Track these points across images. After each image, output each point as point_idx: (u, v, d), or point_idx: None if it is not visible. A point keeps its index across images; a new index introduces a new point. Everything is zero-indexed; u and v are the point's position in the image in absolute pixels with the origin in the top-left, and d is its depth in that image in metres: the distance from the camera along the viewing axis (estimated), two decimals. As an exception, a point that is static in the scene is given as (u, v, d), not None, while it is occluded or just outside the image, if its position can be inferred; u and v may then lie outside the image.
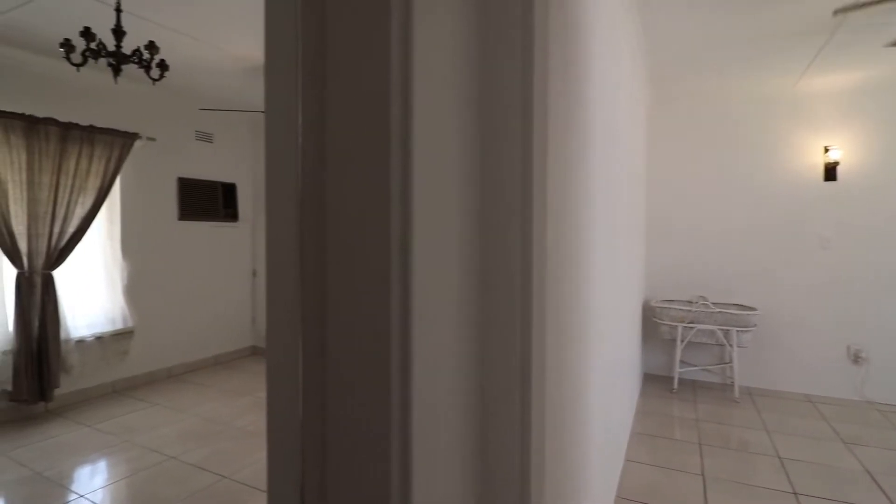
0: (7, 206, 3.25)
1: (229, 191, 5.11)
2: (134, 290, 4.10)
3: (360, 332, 0.48)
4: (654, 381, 4.16)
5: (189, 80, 3.96)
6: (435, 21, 0.52)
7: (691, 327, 3.82)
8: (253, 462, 2.77)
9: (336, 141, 0.50)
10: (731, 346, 3.77)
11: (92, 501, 2.40)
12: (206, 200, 4.86)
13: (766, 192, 3.98)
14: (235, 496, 2.42)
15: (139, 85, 3.91)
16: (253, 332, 5.35)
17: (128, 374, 4.10)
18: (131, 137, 3.98)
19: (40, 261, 3.41)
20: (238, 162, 5.19)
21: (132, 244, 4.12)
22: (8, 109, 3.26)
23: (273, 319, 0.56)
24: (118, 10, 2.28)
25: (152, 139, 4.21)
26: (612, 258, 2.05)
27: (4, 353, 3.28)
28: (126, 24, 2.52)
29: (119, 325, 3.97)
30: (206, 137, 4.83)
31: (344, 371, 0.50)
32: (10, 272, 3.33)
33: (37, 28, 2.98)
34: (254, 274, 5.38)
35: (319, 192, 0.52)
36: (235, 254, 5.18)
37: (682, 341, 3.86)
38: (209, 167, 4.87)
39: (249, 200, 5.32)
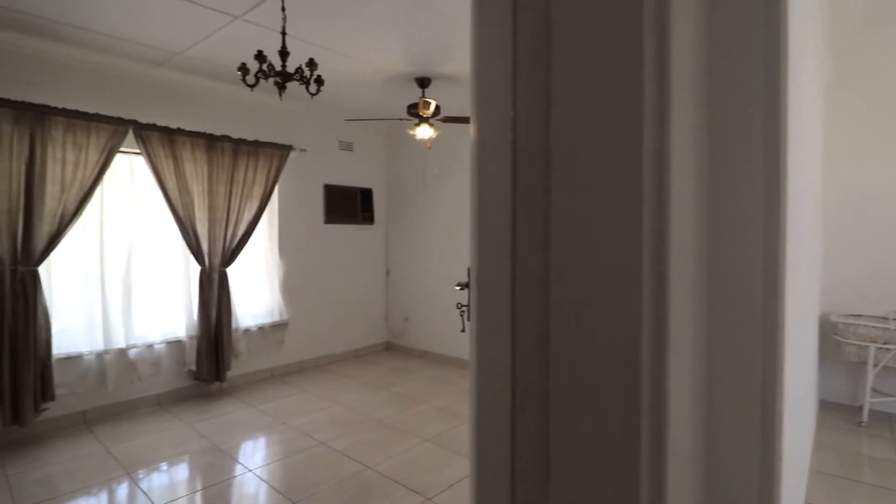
0: (194, 212, 3.80)
1: (366, 196, 5.45)
2: (288, 287, 4.55)
3: (602, 347, 0.41)
4: (834, 411, 3.52)
5: (334, 94, 4.28)
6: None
7: (887, 349, 3.16)
8: (392, 455, 2.88)
9: (567, 140, 0.43)
10: (946, 374, 3.04)
11: (258, 476, 2.68)
12: (347, 205, 5.23)
13: None
14: (379, 487, 2.53)
15: (293, 102, 4.33)
16: (386, 329, 5.64)
17: (282, 361, 4.57)
18: (287, 149, 4.42)
19: (217, 260, 3.94)
20: (374, 168, 5.52)
21: (287, 245, 4.59)
22: (194, 129, 3.82)
23: (482, 330, 0.51)
24: (283, 34, 2.52)
25: (304, 150, 4.64)
26: (798, 265, 1.75)
27: (191, 338, 3.84)
28: (275, 42, 2.78)
29: (276, 318, 4.44)
30: (347, 147, 5.20)
31: (577, 396, 0.43)
32: (195, 270, 3.89)
33: (213, 58, 3.44)
34: (387, 273, 5.67)
35: (541, 196, 0.46)
36: (372, 254, 5.51)
37: (876, 366, 3.20)
38: (350, 174, 5.24)
39: (383, 204, 5.63)
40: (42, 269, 3.09)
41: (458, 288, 1.44)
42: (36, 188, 3.05)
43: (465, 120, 3.93)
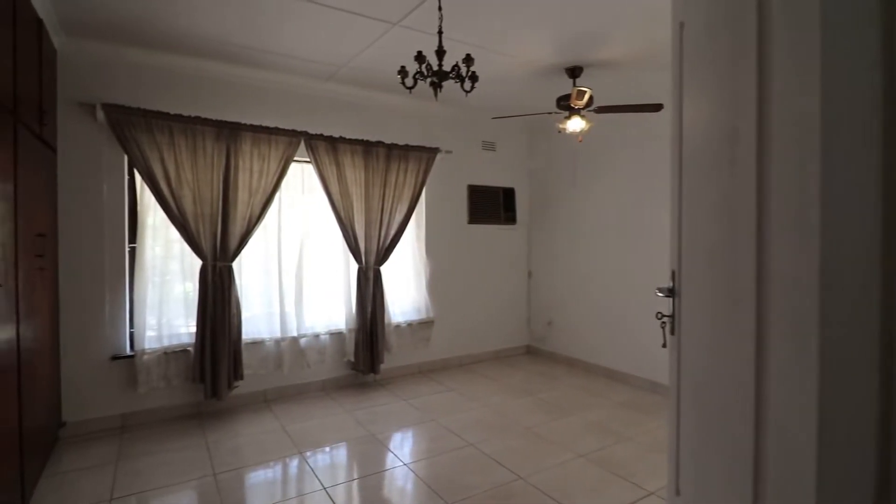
0: (353, 214, 4.08)
1: (508, 195, 5.37)
2: (433, 286, 4.67)
3: None
4: None
5: (480, 93, 4.23)
6: None
7: None
8: (545, 468, 2.73)
9: None
10: None
11: (412, 471, 2.73)
12: (490, 205, 5.21)
13: None
14: (534, 501, 2.40)
15: (439, 105, 4.42)
16: (528, 332, 5.50)
17: (428, 358, 4.70)
18: (434, 152, 4.53)
19: (372, 258, 4.18)
20: (516, 167, 5.41)
21: (433, 245, 4.70)
22: (353, 137, 4.10)
23: (827, 361, 0.35)
24: (440, 33, 2.53)
25: (449, 152, 4.71)
26: None
27: (350, 330, 4.13)
28: (429, 45, 2.79)
29: (423, 315, 4.57)
30: (490, 146, 5.17)
31: None
32: (353, 267, 4.17)
33: (371, 68, 3.63)
34: (529, 275, 5.52)
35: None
36: (514, 255, 5.41)
37: None
38: (492, 174, 5.21)
39: (526, 204, 5.49)
40: (234, 265, 3.55)
41: (659, 294, 1.24)
42: (230, 195, 3.51)
43: (628, 108, 3.62)
